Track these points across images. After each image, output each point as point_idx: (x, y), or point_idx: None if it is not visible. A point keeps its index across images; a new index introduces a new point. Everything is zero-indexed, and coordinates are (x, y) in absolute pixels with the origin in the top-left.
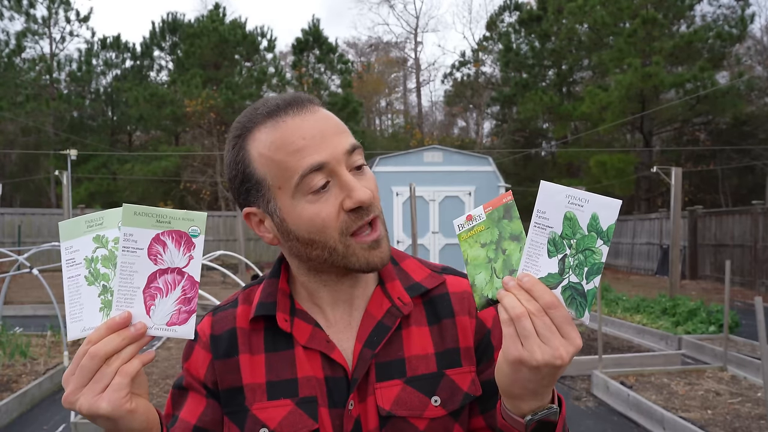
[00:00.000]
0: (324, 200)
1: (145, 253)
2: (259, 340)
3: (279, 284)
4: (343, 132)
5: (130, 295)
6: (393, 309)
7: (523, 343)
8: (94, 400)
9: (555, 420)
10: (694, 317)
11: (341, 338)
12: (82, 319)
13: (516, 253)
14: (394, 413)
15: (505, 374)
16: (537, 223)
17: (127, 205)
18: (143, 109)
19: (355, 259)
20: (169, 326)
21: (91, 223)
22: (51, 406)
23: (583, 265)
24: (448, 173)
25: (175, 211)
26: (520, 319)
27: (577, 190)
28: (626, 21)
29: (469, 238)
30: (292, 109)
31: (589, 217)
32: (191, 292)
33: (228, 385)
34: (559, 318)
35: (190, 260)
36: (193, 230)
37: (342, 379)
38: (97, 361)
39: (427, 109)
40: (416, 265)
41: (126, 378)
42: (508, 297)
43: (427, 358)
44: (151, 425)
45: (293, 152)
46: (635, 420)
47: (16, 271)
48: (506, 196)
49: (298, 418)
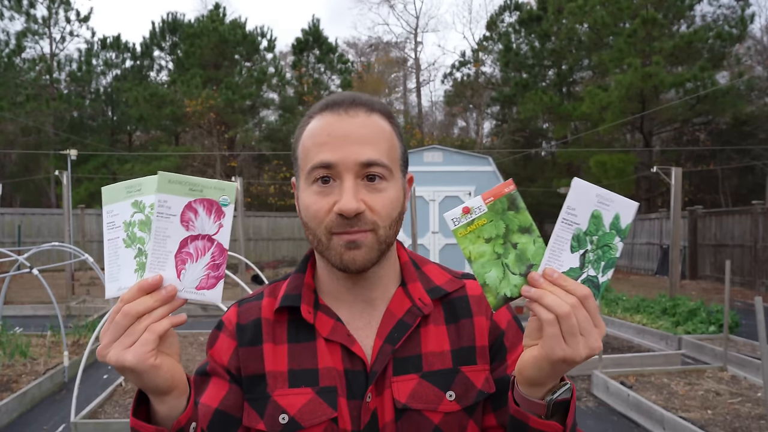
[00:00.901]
0: (323, 194)
1: (178, 219)
2: (282, 330)
3: (305, 279)
4: (369, 144)
5: (162, 259)
6: (414, 308)
7: (568, 341)
8: (122, 353)
9: (569, 397)
10: (694, 317)
11: (361, 334)
12: (118, 279)
13: (530, 246)
14: (410, 406)
15: (541, 371)
16: (565, 219)
17: (162, 173)
18: (143, 109)
19: (333, 253)
20: (198, 290)
21: (130, 189)
22: (51, 406)
23: (600, 260)
24: (448, 173)
25: (208, 180)
26: (569, 317)
27: (604, 189)
28: (626, 21)
29: (469, 233)
30: (339, 108)
31: (612, 216)
32: (220, 259)
33: (251, 372)
34: (593, 308)
35: (219, 228)
36: (224, 199)
37: (361, 372)
38: (129, 319)
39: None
40: (437, 270)
41: (153, 335)
42: (549, 296)
43: (443, 354)
44: (176, 384)
45: (316, 144)
46: (635, 420)
47: (16, 271)
48: (508, 185)
49: (317, 406)
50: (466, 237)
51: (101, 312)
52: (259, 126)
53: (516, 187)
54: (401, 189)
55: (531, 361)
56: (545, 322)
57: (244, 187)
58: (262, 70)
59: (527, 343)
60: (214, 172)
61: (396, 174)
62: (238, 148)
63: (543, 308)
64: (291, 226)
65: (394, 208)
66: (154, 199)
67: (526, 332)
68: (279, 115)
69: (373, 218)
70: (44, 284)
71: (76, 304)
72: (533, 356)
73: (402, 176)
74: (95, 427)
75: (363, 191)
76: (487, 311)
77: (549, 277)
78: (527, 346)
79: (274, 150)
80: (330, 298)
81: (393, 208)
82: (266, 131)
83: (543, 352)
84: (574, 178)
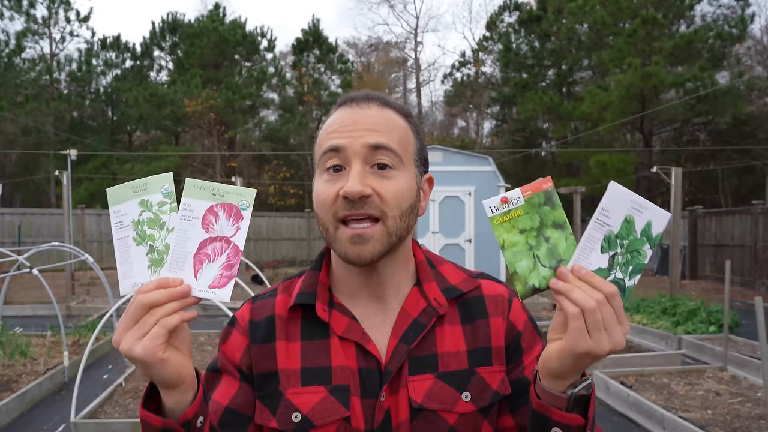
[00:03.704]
0: (332, 182)
1: (200, 222)
2: (296, 328)
3: (320, 277)
4: (378, 130)
5: (182, 259)
6: (429, 308)
7: (592, 335)
8: (132, 344)
9: (589, 393)
10: (694, 317)
11: (375, 333)
12: (132, 276)
13: (562, 242)
14: (426, 406)
15: (564, 364)
16: (598, 219)
17: (189, 179)
18: (143, 109)
19: (338, 245)
20: (211, 288)
21: (136, 189)
22: (51, 406)
23: (629, 264)
24: (448, 173)
25: (229, 186)
26: (594, 312)
27: (639, 196)
28: (626, 21)
29: (505, 222)
30: (353, 102)
31: (644, 223)
32: (234, 259)
33: (263, 370)
34: (618, 306)
35: (237, 231)
36: (243, 204)
37: (375, 371)
38: (142, 309)
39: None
40: (453, 269)
41: (163, 329)
42: (576, 290)
43: (459, 355)
44: (183, 379)
45: (328, 133)
46: (635, 420)
47: (16, 271)
48: (546, 181)
49: (330, 405)
50: (502, 225)
51: (101, 312)
52: (259, 126)
53: (553, 184)
54: (414, 182)
55: (555, 353)
56: (571, 315)
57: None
58: (262, 70)
59: (551, 337)
60: (214, 172)
61: (408, 166)
62: (238, 148)
63: (569, 302)
64: (291, 226)
65: (405, 199)
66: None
67: (551, 327)
68: (279, 115)
69: (382, 206)
70: (44, 284)
71: (76, 304)
72: (558, 349)
73: (417, 172)
74: (95, 427)
75: (371, 177)
76: (503, 312)
77: (577, 272)
78: (551, 340)
79: (274, 150)
80: (345, 295)
81: (403, 198)
82: (266, 131)
83: (567, 344)
84: (611, 182)
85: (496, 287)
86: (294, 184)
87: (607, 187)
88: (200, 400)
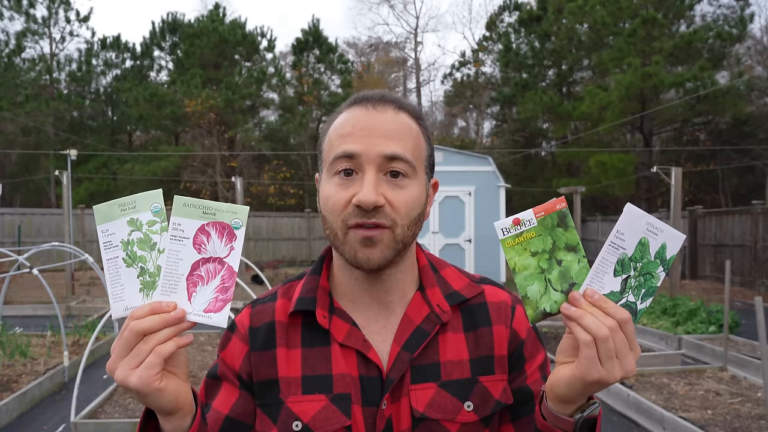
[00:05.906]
0: (344, 186)
1: (191, 242)
2: (296, 334)
3: (320, 281)
4: (395, 139)
5: (174, 281)
6: (432, 315)
7: (604, 364)
8: (127, 374)
9: (596, 414)
10: (694, 317)
11: (377, 339)
12: (123, 299)
13: (574, 265)
14: (428, 415)
15: (573, 390)
16: (613, 242)
17: (178, 197)
18: (143, 109)
19: (348, 249)
20: (206, 313)
21: (124, 206)
22: (51, 406)
23: (641, 287)
24: (448, 173)
25: (221, 204)
26: (607, 340)
27: (655, 218)
28: (626, 21)
29: (516, 245)
30: (368, 103)
31: (659, 246)
32: (229, 282)
33: (263, 377)
34: (631, 332)
35: (231, 251)
36: (236, 222)
37: (376, 378)
38: (136, 336)
39: (427, 109)
40: (456, 274)
41: (158, 358)
42: (588, 317)
43: (461, 363)
44: (181, 405)
45: (340, 136)
46: (635, 420)
47: (16, 271)
48: (560, 201)
49: (331, 413)
50: (513, 248)
51: (101, 312)
52: (259, 126)
53: (567, 204)
54: (424, 190)
55: (565, 380)
56: (582, 343)
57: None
58: (262, 70)
59: (560, 360)
60: (214, 172)
61: (420, 174)
62: (238, 148)
63: (581, 329)
64: (291, 226)
65: (415, 208)
66: (151, 216)
67: (560, 348)
68: (279, 115)
69: (393, 215)
70: (44, 284)
71: (76, 304)
72: (567, 375)
73: (426, 178)
74: (95, 427)
75: (384, 186)
76: (507, 320)
77: (590, 297)
78: (560, 362)
79: (274, 150)
80: (345, 300)
81: (413, 207)
82: (266, 131)
83: (578, 372)
84: (627, 203)
85: (500, 294)
86: (294, 184)
87: (623, 210)
88: (198, 422)
